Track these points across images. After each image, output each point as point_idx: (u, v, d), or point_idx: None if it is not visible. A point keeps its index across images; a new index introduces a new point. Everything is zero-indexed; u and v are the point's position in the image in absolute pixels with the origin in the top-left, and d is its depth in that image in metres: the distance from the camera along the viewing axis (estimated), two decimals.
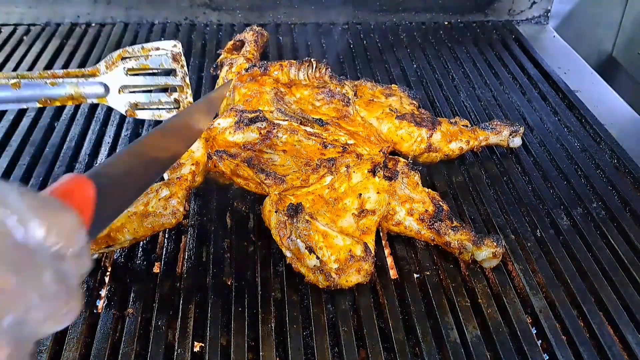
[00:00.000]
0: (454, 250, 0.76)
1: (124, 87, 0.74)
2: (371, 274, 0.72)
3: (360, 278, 0.71)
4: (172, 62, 0.74)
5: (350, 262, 0.70)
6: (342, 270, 0.70)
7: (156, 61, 0.74)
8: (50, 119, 1.06)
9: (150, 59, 0.74)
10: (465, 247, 0.75)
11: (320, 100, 0.93)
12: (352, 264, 0.70)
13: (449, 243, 0.76)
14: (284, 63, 1.00)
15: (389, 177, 0.79)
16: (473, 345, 0.66)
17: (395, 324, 0.69)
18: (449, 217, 0.77)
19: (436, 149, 0.90)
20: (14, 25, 1.38)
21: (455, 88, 1.17)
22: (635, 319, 0.70)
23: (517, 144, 0.96)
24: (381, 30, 1.40)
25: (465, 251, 0.75)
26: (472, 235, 0.75)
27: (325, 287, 0.71)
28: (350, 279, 0.70)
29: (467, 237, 0.75)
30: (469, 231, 0.76)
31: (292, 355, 0.65)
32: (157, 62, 0.74)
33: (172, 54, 0.74)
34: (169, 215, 0.75)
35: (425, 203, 0.78)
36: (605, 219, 0.84)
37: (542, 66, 1.24)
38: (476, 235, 0.75)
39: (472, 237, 0.75)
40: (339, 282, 0.70)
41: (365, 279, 0.71)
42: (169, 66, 0.74)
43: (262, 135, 0.83)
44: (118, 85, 0.74)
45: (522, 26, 1.44)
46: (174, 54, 0.74)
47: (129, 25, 1.39)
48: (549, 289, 0.74)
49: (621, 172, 0.94)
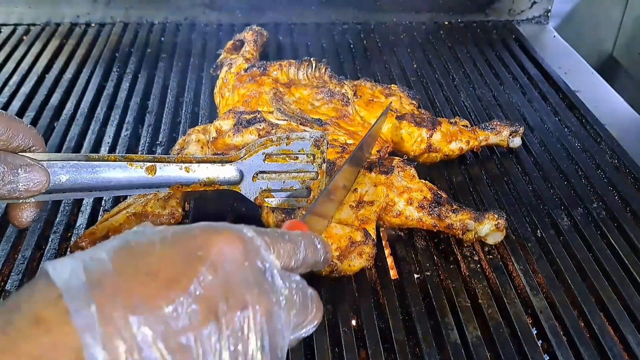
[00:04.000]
0: (457, 232, 0.76)
1: (259, 174, 0.70)
2: (374, 257, 0.72)
3: (363, 262, 0.71)
4: (313, 147, 0.71)
5: (351, 248, 0.70)
6: (343, 256, 0.70)
7: (297, 146, 0.70)
8: (50, 119, 1.06)
9: (292, 144, 0.70)
10: (467, 226, 0.75)
11: (320, 100, 0.93)
12: (354, 249, 0.70)
13: (451, 225, 0.76)
14: (284, 63, 1.00)
15: (385, 172, 0.79)
16: (473, 346, 0.66)
17: (396, 324, 0.69)
18: (448, 202, 0.78)
19: (436, 149, 0.90)
20: (14, 25, 1.38)
21: (456, 88, 1.17)
22: (636, 320, 0.70)
23: (517, 144, 0.96)
24: (381, 30, 1.40)
25: (468, 230, 0.75)
26: (472, 213, 0.76)
27: (328, 273, 0.70)
28: (353, 264, 0.70)
29: (468, 215, 0.76)
30: (470, 210, 0.77)
31: (292, 355, 0.65)
32: (298, 147, 0.70)
33: (314, 139, 0.71)
34: (167, 216, 0.75)
35: (423, 191, 0.78)
36: (606, 219, 0.84)
37: (543, 66, 1.24)
38: (477, 212, 0.76)
39: (473, 214, 0.76)
40: (342, 267, 0.70)
41: (368, 263, 0.71)
42: (309, 151, 0.71)
43: (261, 136, 0.83)
44: (254, 171, 0.70)
45: (523, 26, 1.44)
46: (316, 139, 0.71)
47: (129, 25, 1.39)
48: (549, 289, 0.73)
49: (621, 172, 0.94)
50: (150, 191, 0.66)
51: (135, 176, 0.63)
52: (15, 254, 0.78)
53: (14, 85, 1.15)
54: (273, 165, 0.71)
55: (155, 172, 0.64)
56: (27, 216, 0.58)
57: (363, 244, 0.71)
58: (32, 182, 0.55)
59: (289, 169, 0.71)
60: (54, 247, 0.79)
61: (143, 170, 0.63)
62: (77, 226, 0.82)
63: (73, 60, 1.25)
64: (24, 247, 0.79)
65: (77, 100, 1.11)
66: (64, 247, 0.79)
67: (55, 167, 0.58)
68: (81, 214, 0.84)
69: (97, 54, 1.27)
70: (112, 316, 0.35)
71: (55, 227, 0.82)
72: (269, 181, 0.71)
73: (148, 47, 1.31)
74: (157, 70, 1.22)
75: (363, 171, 0.79)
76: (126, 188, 0.63)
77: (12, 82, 1.16)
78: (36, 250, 0.78)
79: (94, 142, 1.00)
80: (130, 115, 1.07)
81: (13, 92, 1.13)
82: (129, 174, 0.62)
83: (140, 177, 0.63)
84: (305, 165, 0.72)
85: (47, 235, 0.81)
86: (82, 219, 0.83)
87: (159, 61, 1.25)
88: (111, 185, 0.62)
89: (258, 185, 0.71)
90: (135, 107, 1.09)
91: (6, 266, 0.76)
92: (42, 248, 0.79)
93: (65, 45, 1.30)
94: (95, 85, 1.16)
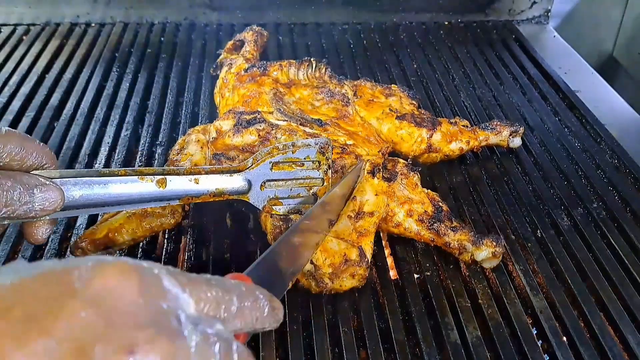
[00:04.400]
0: (453, 251, 0.76)
1: (267, 182, 0.71)
2: (365, 278, 0.71)
3: (354, 282, 0.70)
4: (318, 154, 0.72)
5: (344, 267, 0.69)
6: (335, 275, 0.69)
7: (303, 153, 0.72)
8: (50, 119, 1.06)
9: (298, 152, 0.71)
10: (465, 248, 0.74)
11: (320, 100, 0.93)
12: (346, 269, 0.69)
13: (449, 243, 0.75)
14: (284, 63, 1.00)
15: (387, 179, 0.79)
16: (473, 346, 0.66)
17: (396, 325, 0.69)
18: (448, 218, 0.77)
19: (436, 150, 0.90)
20: (14, 25, 1.38)
21: (456, 88, 1.17)
22: (636, 319, 0.70)
23: (517, 144, 0.96)
24: (381, 30, 1.40)
25: (465, 251, 0.75)
26: (471, 236, 0.75)
27: (317, 292, 0.70)
28: (344, 284, 0.70)
29: (467, 237, 0.75)
30: (469, 231, 0.76)
31: (292, 355, 0.65)
32: (304, 154, 0.72)
33: (320, 146, 0.72)
34: (168, 216, 0.75)
35: (424, 204, 0.78)
36: (606, 219, 0.84)
37: (543, 66, 1.24)
38: (475, 235, 0.75)
39: (472, 237, 0.75)
40: (332, 287, 0.69)
41: (360, 284, 0.71)
42: (314, 158, 0.72)
43: (261, 136, 0.83)
44: (261, 180, 0.71)
45: (523, 26, 1.44)
46: (321, 146, 0.72)
47: (129, 25, 1.39)
48: (549, 289, 0.73)
49: (621, 172, 0.94)
50: (161, 204, 0.66)
51: (146, 190, 0.63)
52: (15, 254, 0.78)
53: (14, 85, 1.15)
54: (280, 173, 0.71)
55: (165, 185, 0.64)
56: (42, 233, 0.59)
57: (357, 265, 0.70)
58: (47, 201, 0.55)
59: (296, 176, 0.72)
60: (54, 247, 0.79)
61: (154, 184, 0.63)
62: (77, 226, 0.82)
63: (73, 60, 1.25)
64: (24, 247, 0.79)
65: (77, 100, 1.11)
66: (64, 247, 0.79)
67: (69, 185, 0.58)
68: (81, 214, 0.84)
69: (97, 54, 1.27)
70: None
71: (56, 227, 0.82)
72: (276, 189, 0.72)
73: (148, 47, 1.31)
74: (157, 70, 1.22)
75: (366, 176, 0.78)
76: (137, 202, 0.63)
77: (12, 82, 1.16)
78: (36, 250, 0.78)
79: (94, 142, 1.00)
80: (130, 115, 1.07)
81: (13, 92, 1.13)
82: (140, 188, 0.63)
83: (152, 191, 0.63)
84: (311, 172, 0.73)
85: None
86: (82, 219, 0.83)
87: (159, 61, 1.25)
88: (123, 200, 0.62)
89: (266, 194, 0.71)
90: (135, 107, 1.09)
91: None
92: (42, 248, 0.79)
93: (65, 45, 1.30)
94: (95, 85, 1.16)
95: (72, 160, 0.96)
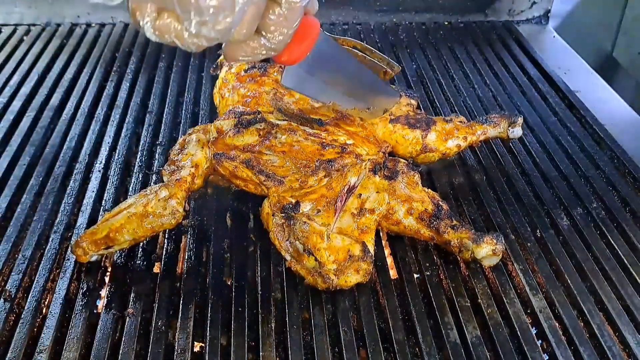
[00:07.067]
0: (453, 249, 0.76)
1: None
2: (370, 273, 0.72)
3: (359, 278, 0.71)
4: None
5: (348, 262, 0.70)
6: (340, 271, 0.70)
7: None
8: (50, 119, 1.06)
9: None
10: (465, 246, 0.75)
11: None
12: (351, 264, 0.70)
13: (449, 242, 0.76)
14: None
15: (389, 177, 0.79)
16: (473, 346, 0.66)
17: (395, 324, 0.69)
18: (448, 216, 0.77)
19: (432, 149, 0.90)
20: (14, 26, 1.38)
21: (455, 88, 1.17)
22: (635, 319, 0.70)
23: (518, 135, 0.92)
24: (381, 30, 1.40)
25: (465, 249, 0.75)
26: (471, 234, 0.75)
27: (324, 289, 0.71)
28: (350, 280, 0.70)
29: (467, 235, 0.75)
30: (469, 229, 0.76)
31: (292, 355, 0.65)
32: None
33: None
34: (168, 216, 0.75)
35: (424, 202, 0.78)
36: (605, 219, 0.84)
37: (542, 66, 1.24)
38: (475, 233, 0.75)
39: (472, 235, 0.75)
40: (337, 283, 0.70)
41: (364, 279, 0.71)
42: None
43: (262, 136, 0.83)
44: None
45: (522, 26, 1.44)
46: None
47: (129, 25, 1.39)
48: (549, 289, 0.74)
49: (621, 172, 0.94)
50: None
51: None
52: (16, 254, 0.78)
53: (14, 85, 1.15)
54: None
55: None
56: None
57: (361, 260, 0.70)
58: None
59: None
60: (54, 247, 0.79)
61: None
62: (77, 226, 0.82)
63: (73, 60, 1.25)
64: (25, 246, 0.79)
65: (77, 100, 1.11)
66: (64, 246, 0.79)
67: None
68: (81, 214, 0.84)
69: (97, 54, 1.27)
70: None
71: (56, 227, 0.82)
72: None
73: (148, 47, 1.31)
74: (157, 70, 1.22)
75: (368, 174, 0.79)
76: None
77: (12, 82, 1.16)
78: (36, 249, 0.79)
79: (95, 142, 1.00)
80: (130, 115, 1.07)
81: (14, 92, 1.13)
82: None
83: None
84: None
85: (48, 235, 0.81)
86: (82, 219, 0.83)
87: (159, 61, 1.25)
88: None
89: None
90: (135, 107, 1.10)
91: (6, 266, 0.76)
92: (43, 248, 0.79)
93: (66, 46, 1.31)
94: (95, 86, 1.16)
95: (73, 160, 0.96)
